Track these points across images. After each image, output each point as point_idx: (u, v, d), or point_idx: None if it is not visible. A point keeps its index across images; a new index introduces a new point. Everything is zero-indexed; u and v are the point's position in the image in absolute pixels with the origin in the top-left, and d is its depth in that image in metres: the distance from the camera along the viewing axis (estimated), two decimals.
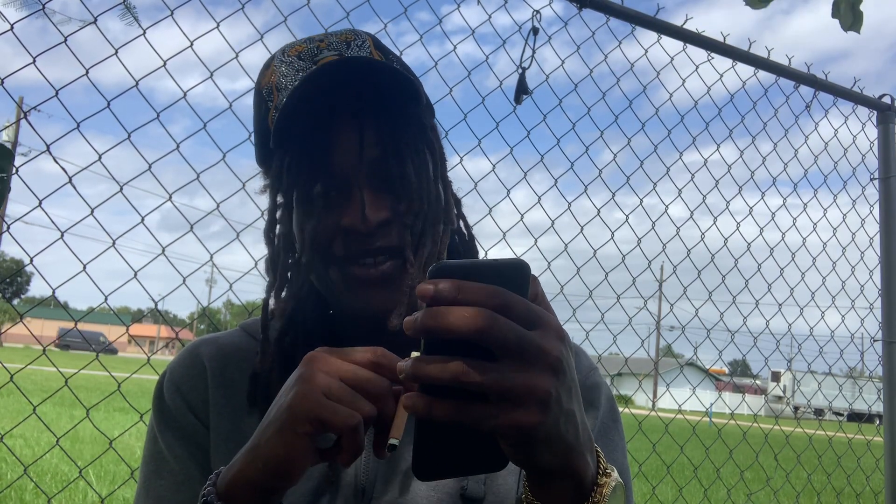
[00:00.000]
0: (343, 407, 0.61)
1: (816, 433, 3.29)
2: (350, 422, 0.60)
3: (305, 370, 0.64)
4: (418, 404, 0.52)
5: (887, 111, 2.80)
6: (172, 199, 1.81)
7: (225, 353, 0.91)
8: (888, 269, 2.71)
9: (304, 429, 0.61)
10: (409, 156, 0.83)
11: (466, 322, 0.50)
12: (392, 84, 0.82)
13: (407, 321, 0.52)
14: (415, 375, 0.52)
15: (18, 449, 7.45)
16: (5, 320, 39.92)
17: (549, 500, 0.61)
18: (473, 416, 0.52)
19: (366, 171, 0.81)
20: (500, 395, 0.51)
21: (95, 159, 1.70)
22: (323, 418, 0.61)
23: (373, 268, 0.81)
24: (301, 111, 0.80)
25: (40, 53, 1.58)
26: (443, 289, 0.51)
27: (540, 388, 0.52)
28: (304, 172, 0.82)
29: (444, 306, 0.51)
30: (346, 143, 0.81)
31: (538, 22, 2.09)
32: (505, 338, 0.51)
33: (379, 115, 0.82)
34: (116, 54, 1.69)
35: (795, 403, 28.25)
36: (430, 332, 0.51)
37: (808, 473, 3.40)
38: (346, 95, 0.81)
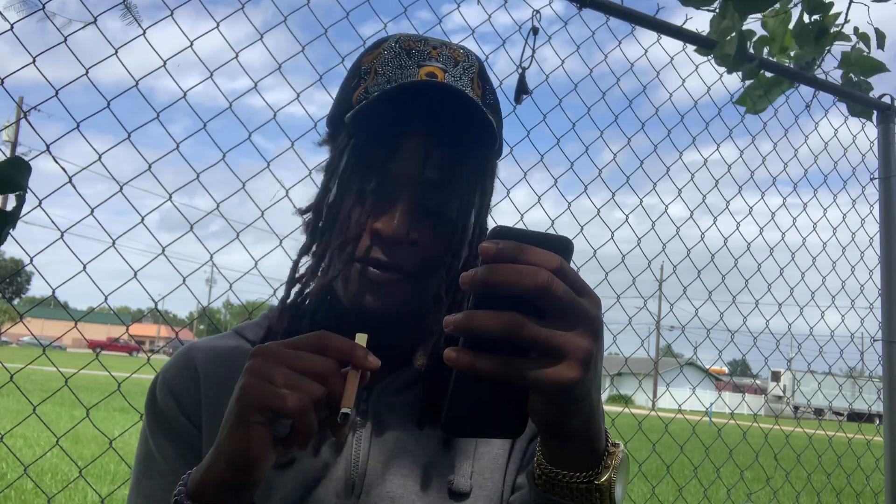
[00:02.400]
0: (289, 391, 0.62)
1: (816, 433, 3.29)
2: (298, 404, 0.62)
3: (252, 363, 0.65)
4: (462, 358, 0.54)
5: (887, 111, 2.80)
6: (172, 199, 1.81)
7: (218, 356, 0.92)
8: (888, 269, 2.71)
9: (256, 419, 0.62)
10: (462, 194, 0.86)
11: (529, 278, 0.53)
12: (474, 123, 0.84)
13: (465, 276, 0.55)
14: (468, 326, 0.54)
15: (19, 449, 7.45)
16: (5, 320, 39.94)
17: (566, 465, 0.63)
18: (519, 370, 0.54)
19: (417, 188, 0.84)
20: (546, 351, 0.54)
21: (95, 159, 1.70)
22: (271, 405, 0.62)
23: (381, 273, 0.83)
24: (384, 111, 0.83)
25: (40, 53, 1.58)
26: (505, 248, 0.54)
27: (583, 347, 0.55)
28: (362, 164, 0.85)
29: (504, 265, 0.54)
30: (411, 156, 0.84)
31: (538, 21, 2.09)
32: (560, 297, 0.54)
33: (450, 146, 0.85)
34: (116, 54, 1.69)
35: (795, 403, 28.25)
36: (490, 286, 0.54)
37: (808, 473, 3.40)
38: (429, 115, 0.83)
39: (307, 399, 0.62)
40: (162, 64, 1.76)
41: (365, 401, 0.89)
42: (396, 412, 0.89)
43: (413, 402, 0.90)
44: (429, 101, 0.82)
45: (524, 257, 0.54)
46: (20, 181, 0.73)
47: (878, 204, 2.82)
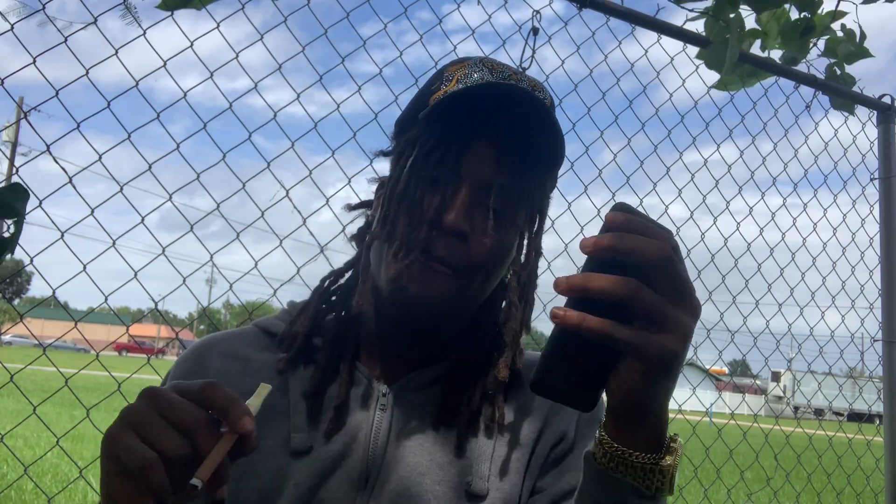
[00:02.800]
0: (139, 445, 0.58)
1: (816, 433, 3.29)
2: (140, 462, 0.57)
3: (129, 406, 0.61)
4: (571, 315, 0.57)
5: (887, 111, 2.79)
6: (172, 200, 1.81)
7: (234, 355, 0.93)
8: (888, 269, 2.71)
9: (110, 467, 0.59)
10: (524, 205, 0.88)
11: (654, 250, 0.57)
12: (548, 138, 0.85)
13: (587, 240, 0.58)
14: (586, 286, 0.57)
15: (19, 449, 7.44)
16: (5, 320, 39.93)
17: (635, 443, 0.64)
18: (626, 335, 0.57)
19: (480, 185, 0.84)
20: (655, 320, 0.57)
21: (95, 159, 1.70)
22: (120, 458, 0.58)
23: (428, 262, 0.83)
24: (462, 109, 0.83)
25: (40, 54, 1.57)
26: (633, 220, 0.58)
27: (686, 323, 0.58)
28: (433, 154, 0.85)
29: (632, 234, 0.57)
30: (484, 151, 0.85)
31: (538, 22, 2.09)
32: (674, 273, 0.58)
33: (521, 153, 0.86)
34: (117, 54, 1.69)
35: (795, 403, 28.24)
36: (616, 251, 0.57)
37: (809, 473, 3.40)
38: (511, 120, 0.84)
39: (153, 458, 0.57)
40: (162, 64, 1.76)
41: (385, 396, 0.89)
42: (417, 409, 0.90)
43: (434, 400, 0.90)
44: (507, 103, 0.83)
45: (651, 231, 0.58)
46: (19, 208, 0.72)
47: (879, 204, 2.82)
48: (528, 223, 0.90)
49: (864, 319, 3.14)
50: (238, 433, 0.59)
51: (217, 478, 0.59)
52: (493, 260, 0.86)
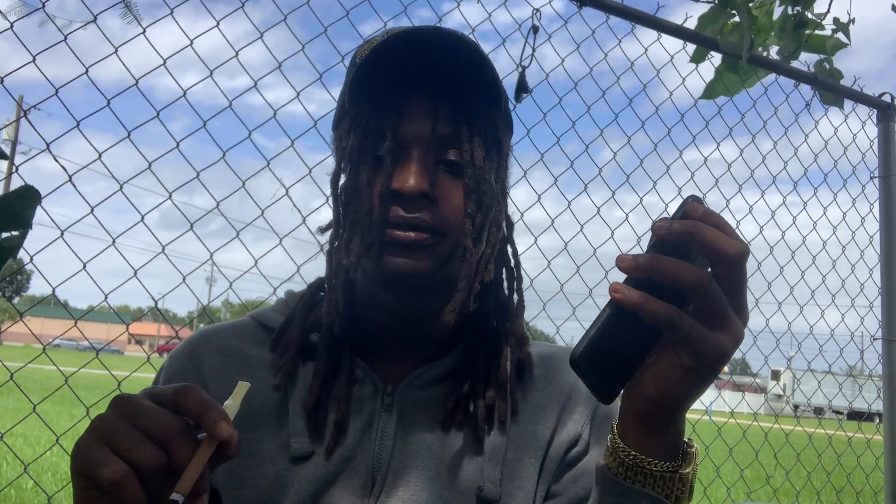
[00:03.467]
0: (110, 458, 0.53)
1: (816, 431, 3.29)
2: (111, 476, 0.52)
3: (100, 416, 0.58)
4: (633, 295, 0.55)
5: (887, 110, 2.79)
6: (172, 198, 1.81)
7: (228, 351, 0.89)
8: (888, 268, 2.71)
9: (82, 484, 0.55)
10: (478, 144, 0.82)
11: (733, 245, 0.55)
12: (479, 70, 0.82)
13: (660, 223, 0.55)
14: (653, 266, 0.55)
15: (18, 447, 7.45)
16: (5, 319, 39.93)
17: (652, 451, 0.62)
18: (687, 324, 0.55)
19: (429, 144, 0.80)
20: (718, 317, 0.56)
21: (95, 158, 1.70)
22: (90, 474, 0.54)
23: (405, 233, 0.79)
24: (378, 74, 0.80)
25: (40, 52, 1.57)
26: (713, 213, 0.57)
27: (741, 328, 0.58)
28: (370, 132, 0.82)
29: (711, 227, 0.56)
30: (418, 112, 0.81)
31: (538, 20, 2.08)
32: (741, 276, 0.57)
33: (456, 96, 0.82)
34: (116, 53, 1.68)
35: (795, 402, 28.23)
36: (690, 238, 0.55)
37: (808, 472, 3.40)
38: (429, 63, 0.80)
39: (125, 471, 0.53)
40: (162, 63, 1.76)
41: (390, 395, 0.84)
42: (424, 408, 0.84)
43: (442, 398, 0.85)
44: (421, 50, 0.80)
45: (728, 230, 0.56)
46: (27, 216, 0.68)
47: (878, 202, 2.82)
48: (489, 162, 0.84)
49: (864, 318, 3.14)
50: (216, 438, 0.55)
51: (195, 489, 0.55)
52: (468, 211, 0.81)
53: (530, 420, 0.87)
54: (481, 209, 0.82)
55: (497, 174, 0.86)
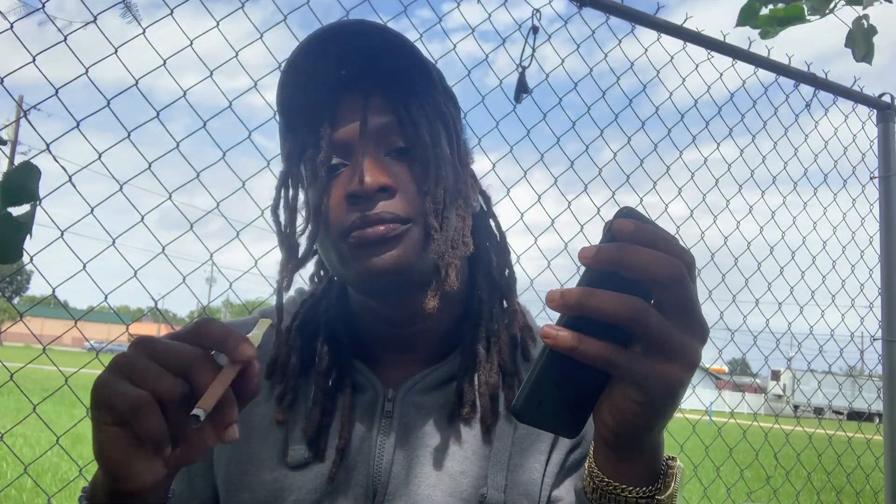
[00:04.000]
0: (129, 387, 0.54)
1: (816, 432, 3.29)
2: (133, 402, 0.53)
3: (118, 354, 0.58)
4: (566, 337, 0.50)
5: (887, 110, 2.80)
6: (172, 198, 1.81)
7: None
8: (888, 268, 2.71)
9: (104, 419, 0.55)
10: (421, 122, 0.80)
11: (667, 269, 0.49)
12: (399, 50, 0.79)
13: (586, 249, 0.50)
14: (583, 303, 0.49)
15: (19, 448, 7.45)
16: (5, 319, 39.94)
17: (626, 478, 0.59)
18: (626, 362, 0.50)
19: (372, 139, 0.78)
20: (659, 347, 0.50)
21: (95, 158, 1.70)
22: (112, 404, 0.54)
23: (372, 229, 0.76)
24: (302, 83, 0.79)
25: (40, 52, 1.57)
26: (647, 231, 0.50)
27: (694, 350, 0.51)
28: (309, 145, 0.80)
29: (641, 247, 0.49)
30: (351, 111, 0.79)
31: (538, 20, 2.08)
32: (685, 295, 0.50)
33: (387, 83, 0.80)
34: (116, 53, 1.68)
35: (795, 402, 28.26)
36: (619, 265, 0.49)
37: (808, 472, 3.40)
38: (348, 61, 0.79)
39: (146, 397, 0.53)
40: (162, 63, 1.76)
41: (391, 400, 0.83)
42: (425, 413, 0.82)
43: (444, 403, 0.83)
44: (336, 50, 0.78)
45: (663, 244, 0.50)
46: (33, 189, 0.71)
47: (878, 203, 2.82)
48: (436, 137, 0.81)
49: (864, 318, 3.14)
50: (239, 361, 0.55)
51: (222, 415, 0.55)
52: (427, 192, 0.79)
53: None
54: (439, 183, 0.79)
55: (451, 146, 0.84)
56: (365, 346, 0.88)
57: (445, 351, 0.87)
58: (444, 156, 0.81)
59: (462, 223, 0.82)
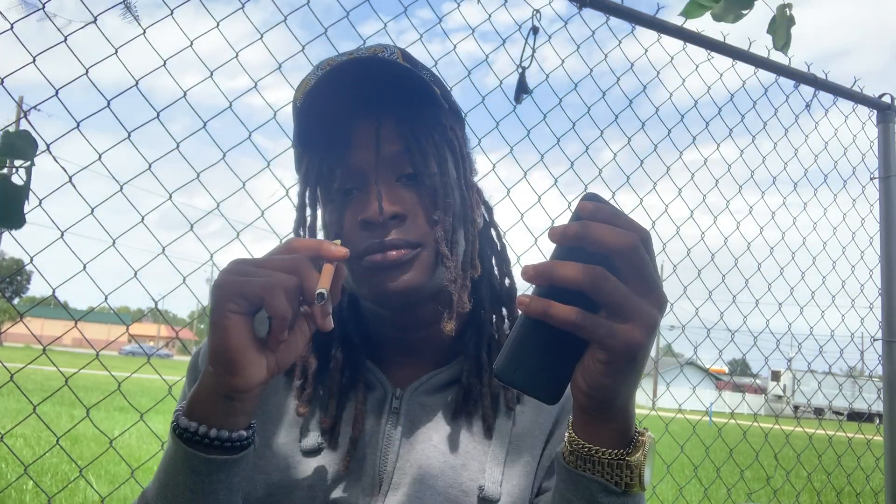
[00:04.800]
0: (263, 271, 0.65)
1: (816, 432, 3.29)
2: (266, 285, 0.64)
3: (224, 268, 0.67)
4: (536, 304, 0.56)
5: (887, 110, 2.80)
6: (172, 199, 1.81)
7: None
8: (888, 269, 2.71)
9: (231, 308, 0.64)
10: (429, 150, 0.85)
11: (622, 240, 0.56)
12: (408, 83, 0.85)
13: (555, 228, 0.57)
14: (549, 273, 0.56)
15: (19, 448, 7.45)
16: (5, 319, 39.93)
17: (600, 439, 0.64)
18: (591, 323, 0.56)
19: (384, 166, 0.84)
20: (621, 311, 0.56)
21: (95, 159, 1.70)
22: (242, 291, 0.64)
23: (384, 255, 0.83)
24: (319, 111, 0.84)
25: (40, 53, 1.57)
26: (604, 209, 0.57)
27: (651, 314, 0.57)
28: (325, 170, 0.86)
29: (600, 223, 0.57)
30: (364, 140, 0.85)
31: (538, 21, 2.08)
32: (641, 264, 0.57)
33: (397, 112, 0.85)
34: (116, 54, 1.68)
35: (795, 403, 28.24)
36: (583, 239, 0.56)
37: (808, 472, 3.40)
38: (362, 92, 0.84)
39: (277, 280, 0.64)
40: (162, 63, 1.76)
41: (398, 398, 0.89)
42: (429, 412, 0.89)
43: (447, 402, 0.90)
44: (354, 79, 0.83)
45: (619, 221, 0.57)
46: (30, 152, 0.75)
47: (878, 203, 2.82)
48: (443, 165, 0.87)
49: (864, 319, 3.14)
50: (336, 258, 0.68)
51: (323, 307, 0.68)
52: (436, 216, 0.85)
53: (531, 420, 0.91)
54: (447, 210, 0.86)
55: (458, 169, 0.90)
56: (375, 348, 0.94)
57: (450, 355, 0.93)
58: (452, 181, 0.88)
59: (471, 247, 0.89)
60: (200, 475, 0.69)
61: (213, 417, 0.68)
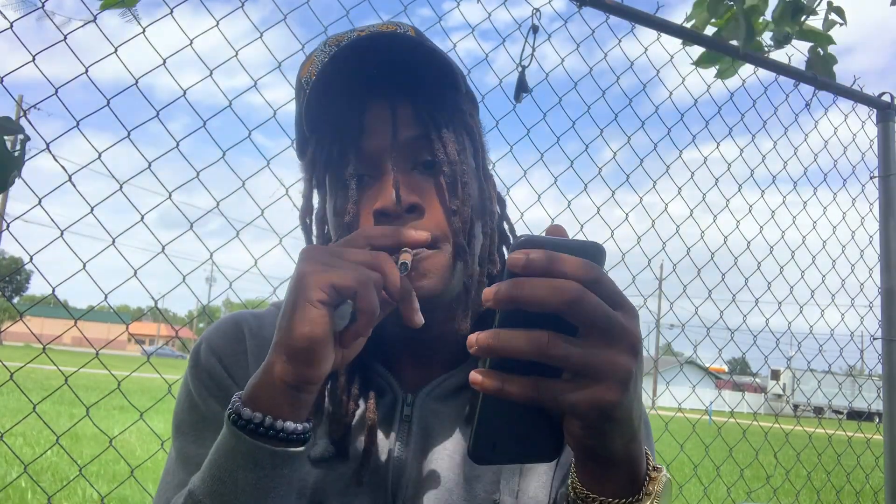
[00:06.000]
0: (357, 267, 0.64)
1: (816, 431, 3.29)
2: (361, 278, 0.63)
3: (305, 254, 0.66)
4: (489, 381, 0.50)
5: (887, 109, 2.79)
6: (172, 197, 1.81)
7: (264, 333, 0.87)
8: (888, 268, 2.71)
9: (319, 297, 0.62)
10: (449, 137, 0.80)
11: (558, 293, 0.48)
12: (428, 63, 0.79)
13: (486, 292, 0.50)
14: (492, 347, 0.49)
15: (18, 447, 7.45)
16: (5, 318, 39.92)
17: (604, 490, 0.59)
18: (552, 393, 0.50)
19: (400, 152, 0.78)
20: (582, 371, 0.49)
21: (95, 158, 1.70)
22: (334, 282, 0.62)
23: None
24: (330, 91, 0.78)
25: (39, 52, 1.57)
26: (536, 258, 0.49)
27: (622, 366, 0.50)
28: (335, 154, 0.80)
29: (534, 277, 0.49)
30: (379, 122, 0.79)
31: (538, 20, 2.08)
32: (594, 313, 0.49)
33: (415, 94, 0.80)
34: (116, 53, 1.68)
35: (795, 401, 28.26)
36: (516, 302, 0.49)
37: (808, 471, 3.40)
38: (378, 73, 0.79)
39: (367, 274, 0.63)
40: (162, 62, 1.75)
41: (409, 405, 0.84)
42: (441, 420, 0.84)
43: (460, 409, 0.84)
44: (370, 58, 0.77)
45: (556, 268, 0.49)
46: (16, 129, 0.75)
47: (878, 202, 2.82)
48: (463, 153, 0.82)
49: (864, 317, 3.14)
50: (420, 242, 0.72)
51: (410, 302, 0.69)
52: (454, 206, 0.79)
53: None
54: (466, 201, 0.79)
55: (476, 158, 0.85)
56: (384, 348, 0.88)
57: (462, 356, 0.87)
58: (470, 171, 0.82)
59: (489, 240, 0.83)
60: (264, 469, 0.65)
61: (280, 409, 0.65)
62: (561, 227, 0.54)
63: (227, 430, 0.66)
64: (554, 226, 0.54)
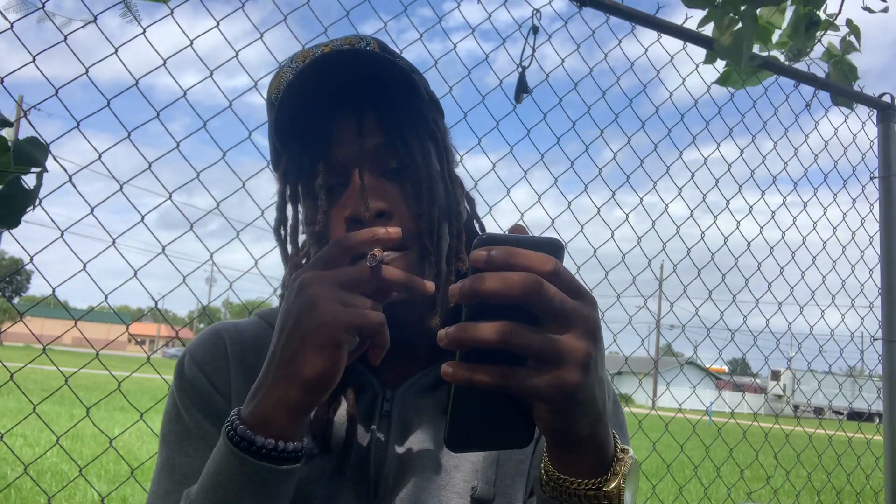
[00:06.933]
0: (367, 309, 0.68)
1: (816, 432, 3.29)
2: (379, 319, 0.68)
3: (312, 290, 0.67)
4: (459, 372, 0.54)
5: (887, 110, 2.79)
6: (172, 198, 1.81)
7: (245, 343, 0.90)
8: (888, 268, 2.71)
9: (344, 339, 0.66)
10: (413, 143, 0.83)
11: (517, 285, 0.52)
12: (390, 74, 0.83)
13: (453, 287, 0.54)
14: (460, 339, 0.54)
15: (19, 448, 7.45)
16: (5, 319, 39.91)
17: (573, 471, 0.62)
18: (518, 379, 0.54)
19: (367, 159, 0.82)
20: (544, 357, 0.53)
21: (95, 158, 1.70)
22: (356, 324, 0.66)
23: None
24: (298, 105, 0.81)
25: (40, 52, 1.57)
26: (496, 255, 0.54)
27: (582, 350, 0.54)
28: (305, 166, 0.84)
29: (493, 273, 0.53)
30: (346, 133, 0.82)
31: (538, 20, 2.08)
32: (552, 301, 0.53)
33: (378, 104, 0.83)
34: (116, 53, 1.68)
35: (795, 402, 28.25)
36: (478, 295, 0.53)
37: (808, 472, 3.40)
38: (342, 86, 0.82)
39: (382, 318, 0.68)
40: (162, 63, 1.76)
41: (389, 401, 0.87)
42: (421, 413, 0.87)
43: (439, 403, 0.88)
44: (333, 72, 0.81)
45: (516, 262, 0.53)
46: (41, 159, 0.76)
47: (878, 203, 2.82)
48: (427, 158, 0.85)
49: (864, 318, 3.14)
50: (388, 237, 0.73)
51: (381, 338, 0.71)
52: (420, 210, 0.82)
53: None
54: (433, 204, 0.83)
55: (440, 161, 0.88)
56: None
57: (439, 350, 0.88)
58: (435, 174, 0.86)
59: (456, 240, 0.87)
60: (269, 486, 0.69)
61: (288, 432, 0.69)
62: (522, 226, 0.58)
63: (230, 453, 0.69)
64: (516, 225, 0.59)
